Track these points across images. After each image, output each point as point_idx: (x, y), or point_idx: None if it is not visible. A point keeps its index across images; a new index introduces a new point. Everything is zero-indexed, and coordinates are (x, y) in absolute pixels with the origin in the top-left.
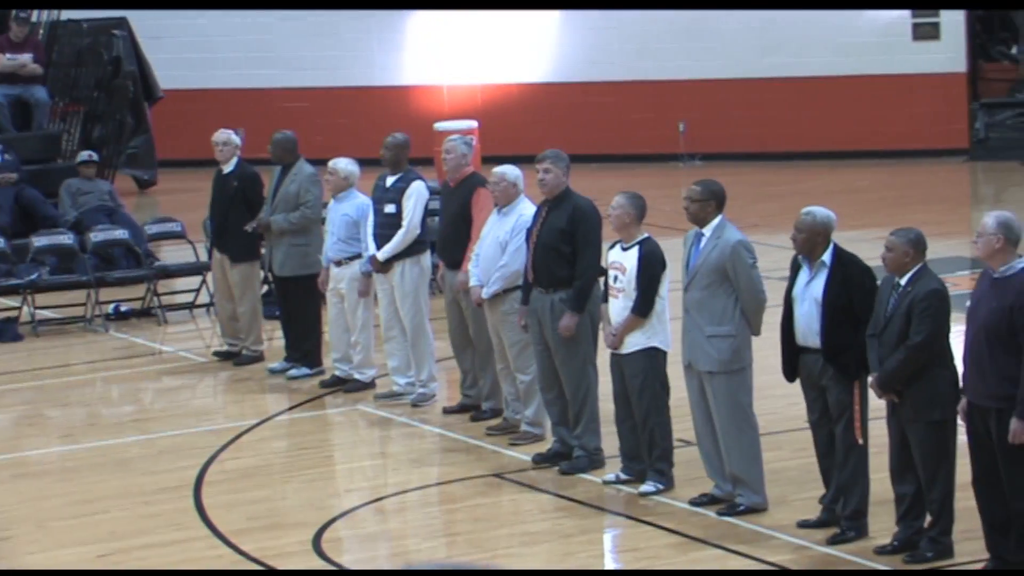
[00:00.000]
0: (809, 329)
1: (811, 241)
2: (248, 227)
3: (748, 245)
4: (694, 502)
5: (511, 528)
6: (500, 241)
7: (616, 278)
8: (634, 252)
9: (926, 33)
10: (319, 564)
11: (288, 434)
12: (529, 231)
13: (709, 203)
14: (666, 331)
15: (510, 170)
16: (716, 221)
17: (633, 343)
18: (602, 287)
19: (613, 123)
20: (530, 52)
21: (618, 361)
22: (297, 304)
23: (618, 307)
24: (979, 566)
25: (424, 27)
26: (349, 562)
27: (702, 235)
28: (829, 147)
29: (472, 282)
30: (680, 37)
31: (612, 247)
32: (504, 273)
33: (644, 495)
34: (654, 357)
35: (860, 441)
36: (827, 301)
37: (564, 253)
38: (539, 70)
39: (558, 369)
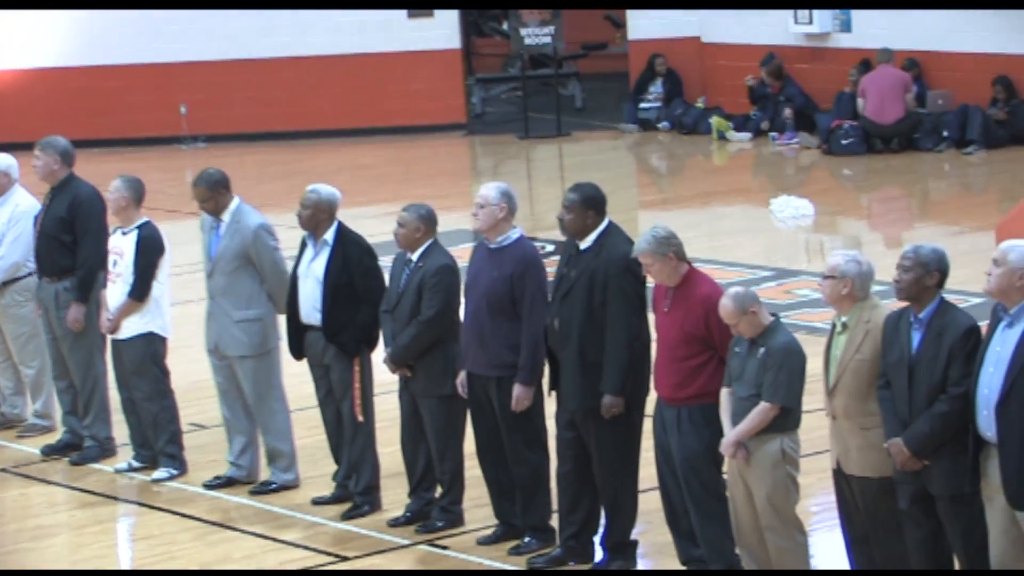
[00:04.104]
0: (312, 307)
1: (315, 218)
2: None
3: (269, 228)
4: (209, 485)
5: (21, 523)
6: None
7: (115, 263)
8: (132, 237)
9: (421, 11)
10: None
11: None
12: (36, 219)
13: (219, 193)
14: (164, 316)
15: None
16: (233, 206)
17: (130, 328)
18: None
19: (114, 107)
20: (27, 37)
21: (117, 346)
22: None
23: (116, 292)
24: (488, 532)
25: None
26: None
27: (220, 221)
28: (332, 125)
29: None
30: (179, 19)
31: (113, 232)
32: (2, 266)
33: (157, 481)
34: (152, 342)
35: (360, 419)
36: (328, 279)
37: (65, 242)
38: (37, 55)
39: (66, 358)
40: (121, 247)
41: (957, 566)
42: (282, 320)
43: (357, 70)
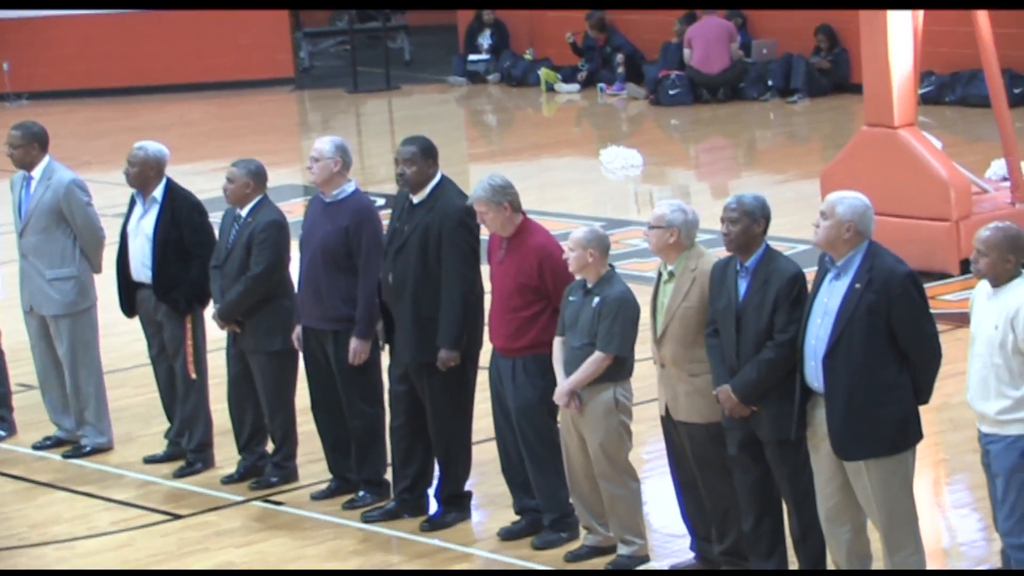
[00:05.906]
0: (142, 265)
1: (143, 175)
2: None
3: (82, 184)
4: (37, 446)
5: None
6: None
7: None
8: None
9: None
10: None
11: None
12: None
13: (31, 146)
14: None
15: None
16: (44, 163)
17: None
18: None
19: None
20: None
21: None
22: None
23: None
24: (323, 487)
25: None
26: None
27: (31, 178)
28: (159, 81)
29: None
30: None
31: None
32: None
33: None
34: None
35: (193, 376)
36: (157, 236)
37: None
38: None
39: None
40: None
41: (785, 510)
42: (98, 278)
43: (183, 25)
